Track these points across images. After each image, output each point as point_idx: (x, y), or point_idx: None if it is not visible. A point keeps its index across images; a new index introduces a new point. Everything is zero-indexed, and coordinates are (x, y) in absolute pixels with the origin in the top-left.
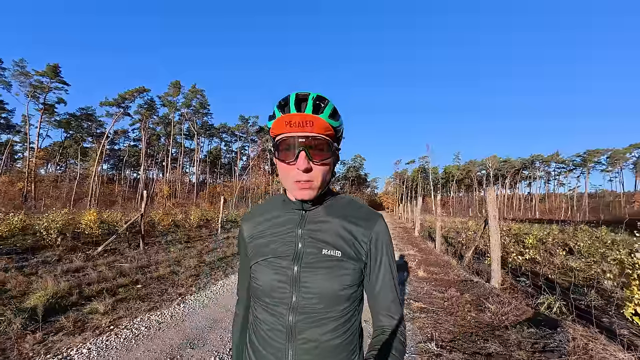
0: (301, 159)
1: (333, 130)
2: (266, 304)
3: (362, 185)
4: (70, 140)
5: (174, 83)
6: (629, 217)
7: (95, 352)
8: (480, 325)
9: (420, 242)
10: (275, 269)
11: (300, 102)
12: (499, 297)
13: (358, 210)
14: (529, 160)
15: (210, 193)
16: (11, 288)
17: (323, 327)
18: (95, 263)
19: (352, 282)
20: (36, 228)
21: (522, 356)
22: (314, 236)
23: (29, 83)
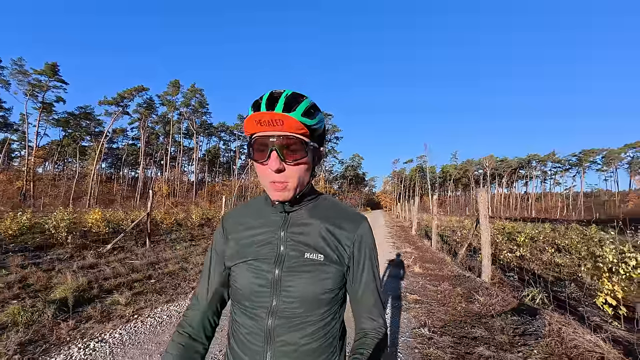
0: (272, 159)
1: (307, 129)
2: (245, 307)
3: (360, 184)
4: (68, 139)
5: (173, 82)
6: (623, 216)
7: (126, 336)
8: (469, 314)
9: (417, 240)
10: (256, 272)
11: (273, 101)
12: (488, 290)
13: (342, 212)
14: (525, 159)
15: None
16: (33, 283)
17: (302, 331)
18: (107, 260)
19: (334, 286)
20: (45, 227)
21: (504, 339)
22: (296, 239)
23: (27, 82)
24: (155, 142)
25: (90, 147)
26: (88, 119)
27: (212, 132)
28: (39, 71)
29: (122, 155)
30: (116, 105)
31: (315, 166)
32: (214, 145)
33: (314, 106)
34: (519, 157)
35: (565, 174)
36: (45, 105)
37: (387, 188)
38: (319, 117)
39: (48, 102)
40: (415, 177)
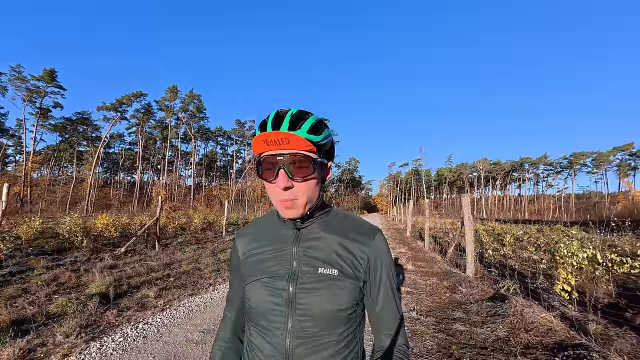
0: (280, 177)
1: (314, 146)
2: (261, 328)
3: (357, 187)
4: (64, 144)
5: (171, 88)
6: (612, 217)
7: (166, 320)
8: (452, 302)
9: (411, 241)
10: (270, 290)
11: (279, 120)
12: (470, 283)
13: (355, 225)
14: (518, 162)
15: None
16: (65, 281)
17: (322, 352)
18: (125, 261)
19: (351, 302)
20: (58, 232)
21: (477, 319)
22: (309, 254)
23: (25, 88)
24: (153, 147)
25: (87, 152)
26: (85, 124)
27: (210, 136)
28: (37, 77)
29: (118, 160)
30: (114, 111)
31: (324, 181)
32: (210, 150)
33: (320, 122)
34: (512, 160)
35: (557, 176)
36: (42, 110)
37: (383, 191)
38: (325, 133)
39: (45, 107)
40: (411, 180)
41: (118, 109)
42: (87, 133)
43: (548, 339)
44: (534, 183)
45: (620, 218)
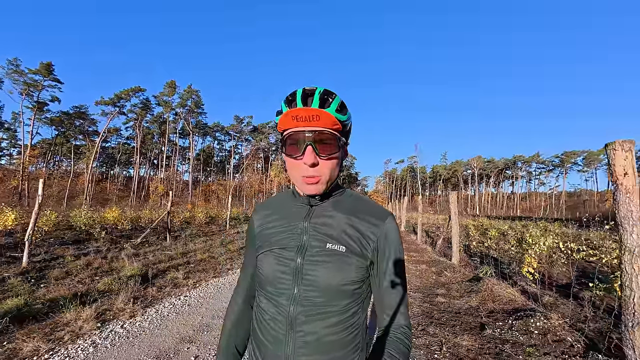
0: (308, 153)
1: (340, 125)
2: (269, 294)
3: (353, 183)
4: (61, 138)
5: (170, 83)
6: (589, 216)
7: (202, 294)
8: (437, 283)
9: (405, 235)
10: (279, 260)
11: (307, 97)
12: (454, 269)
13: (367, 207)
14: (511, 160)
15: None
16: (99, 266)
17: (324, 321)
18: (144, 251)
19: (356, 278)
20: (73, 224)
21: (456, 294)
22: (319, 230)
23: (22, 81)
24: (150, 141)
25: (84, 147)
26: (82, 118)
27: (207, 131)
28: (34, 70)
29: (113, 154)
30: (113, 106)
31: (343, 162)
32: (208, 145)
33: (343, 103)
34: (505, 158)
35: (549, 174)
36: (39, 104)
37: (379, 188)
38: (348, 114)
39: (43, 101)
40: (407, 177)
41: (116, 104)
42: (84, 127)
43: (508, 306)
44: (527, 181)
45: (608, 215)
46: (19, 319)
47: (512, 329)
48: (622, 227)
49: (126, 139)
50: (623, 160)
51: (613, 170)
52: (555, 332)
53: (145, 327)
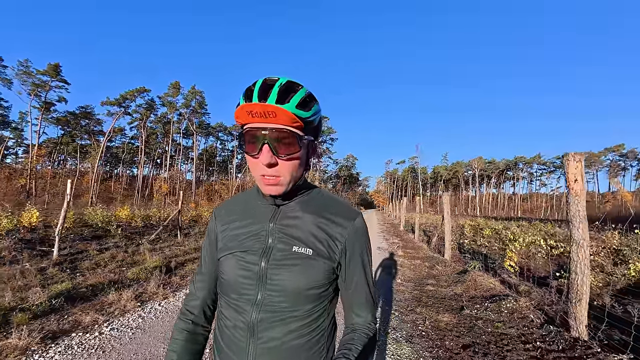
0: (264, 152)
1: (302, 122)
2: (230, 299)
3: (354, 184)
4: (67, 137)
5: (174, 84)
6: (602, 216)
7: None
8: (429, 275)
9: (403, 234)
10: (242, 264)
11: (267, 90)
12: (445, 263)
13: (336, 206)
14: (512, 161)
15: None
16: (123, 259)
17: (286, 327)
18: (160, 246)
19: (322, 281)
20: (89, 221)
21: (444, 284)
22: (285, 232)
23: (31, 82)
24: (154, 141)
25: (89, 146)
26: (88, 118)
27: (210, 131)
28: (42, 71)
29: (118, 154)
30: (118, 106)
31: (309, 159)
32: (210, 145)
33: (310, 96)
34: (506, 159)
35: (550, 175)
36: (47, 104)
37: (380, 188)
38: (314, 109)
39: (50, 101)
40: (408, 178)
41: (122, 104)
42: (89, 127)
43: (488, 293)
44: (528, 182)
45: (608, 217)
46: (71, 299)
47: (486, 309)
48: (572, 223)
49: (130, 139)
50: (574, 169)
51: (567, 177)
52: (521, 312)
53: (178, 307)
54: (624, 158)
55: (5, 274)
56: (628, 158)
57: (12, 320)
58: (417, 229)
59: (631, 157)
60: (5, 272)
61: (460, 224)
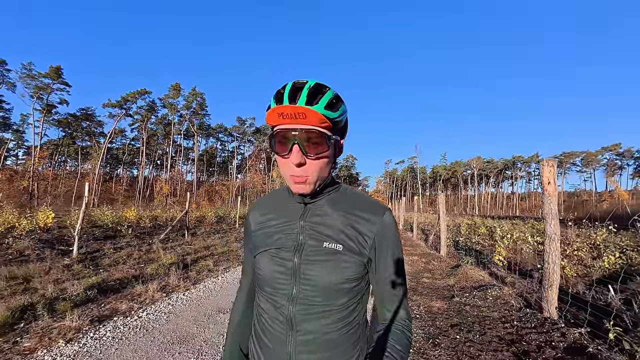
0: (294, 153)
1: (330, 122)
2: (267, 294)
3: (354, 184)
4: (67, 139)
5: (174, 85)
6: (598, 215)
7: (234, 275)
8: (425, 269)
9: (402, 233)
10: (276, 260)
11: (296, 92)
12: (441, 259)
13: (363, 203)
14: (510, 161)
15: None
16: (139, 257)
17: (323, 320)
18: (171, 245)
19: (354, 276)
20: (102, 222)
21: (438, 277)
22: (315, 229)
23: (34, 85)
24: (155, 142)
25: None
26: (88, 119)
27: (211, 132)
28: (44, 74)
29: (119, 155)
30: (120, 108)
31: (336, 158)
32: (211, 146)
33: (337, 97)
34: (504, 159)
35: None
36: (48, 106)
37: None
38: (342, 109)
39: (52, 103)
40: (407, 177)
41: (123, 106)
42: (90, 128)
43: (477, 284)
44: (526, 181)
45: (604, 215)
46: (102, 291)
47: (474, 297)
48: (546, 220)
49: (131, 140)
50: (548, 173)
51: (542, 180)
52: (504, 298)
53: (201, 296)
54: (621, 157)
55: (37, 270)
56: (625, 157)
57: (57, 308)
58: (416, 228)
59: (628, 156)
60: (37, 268)
61: (457, 223)
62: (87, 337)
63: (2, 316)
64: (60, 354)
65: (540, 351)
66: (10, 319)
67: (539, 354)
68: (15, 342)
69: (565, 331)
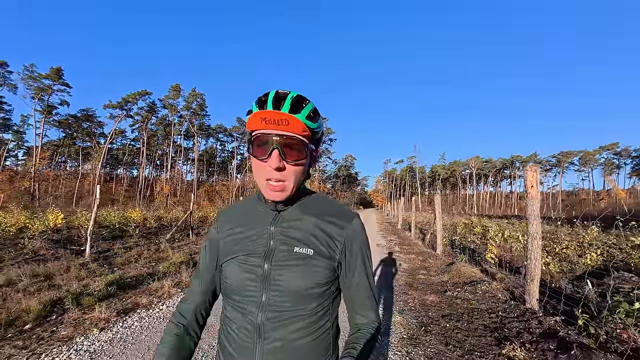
0: (274, 156)
1: (310, 132)
2: (235, 302)
3: (353, 183)
4: (68, 140)
5: (174, 86)
6: (596, 214)
7: None
8: (421, 267)
9: (400, 232)
10: (245, 267)
11: (279, 100)
12: (437, 257)
13: (333, 208)
14: (509, 160)
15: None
16: (149, 256)
17: (292, 326)
18: (178, 245)
19: (324, 280)
20: (109, 222)
21: (433, 273)
22: (286, 234)
23: (35, 86)
24: (155, 143)
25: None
26: (89, 120)
27: (211, 133)
28: (45, 75)
29: (118, 156)
30: (120, 109)
31: (310, 168)
32: (210, 146)
33: (315, 110)
34: (502, 158)
35: (546, 174)
36: (49, 107)
37: (378, 187)
38: (319, 122)
39: (52, 104)
40: (406, 177)
41: (124, 107)
42: (90, 129)
43: (469, 280)
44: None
45: (601, 214)
46: (120, 287)
47: (465, 291)
48: (529, 221)
49: (132, 141)
50: (531, 177)
51: (526, 184)
52: (492, 292)
53: None
54: (618, 156)
55: (56, 268)
56: (622, 156)
57: (82, 302)
58: (414, 227)
59: (625, 155)
60: (55, 267)
61: (454, 222)
62: (117, 326)
63: (36, 309)
64: (96, 340)
65: (519, 336)
66: (43, 311)
67: (517, 338)
68: (52, 331)
69: (542, 319)
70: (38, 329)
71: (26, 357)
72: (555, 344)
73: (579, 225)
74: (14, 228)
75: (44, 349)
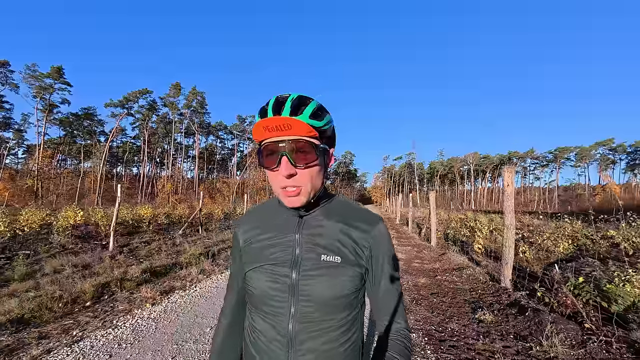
0: (283, 164)
1: (316, 131)
2: (264, 313)
3: (352, 180)
4: (68, 138)
5: (175, 85)
6: (592, 209)
7: None
8: (416, 257)
9: (399, 227)
10: (272, 277)
11: (280, 105)
12: (431, 249)
13: (357, 213)
14: (506, 156)
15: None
16: (167, 249)
17: (324, 337)
18: (190, 239)
19: (353, 288)
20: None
21: (427, 262)
22: (312, 241)
23: (37, 85)
24: (156, 141)
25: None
26: (89, 119)
27: (211, 130)
28: (46, 74)
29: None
30: (121, 107)
31: (327, 168)
32: (210, 143)
33: (321, 108)
34: (500, 154)
35: (543, 169)
36: (50, 106)
37: (377, 184)
38: (327, 119)
39: (53, 103)
40: (404, 173)
41: (125, 106)
42: (91, 128)
43: (457, 266)
44: (522, 176)
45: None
46: (153, 274)
47: (453, 275)
48: (505, 214)
49: (132, 138)
50: (508, 177)
51: (504, 183)
52: (475, 276)
53: None
54: (614, 152)
55: (90, 259)
56: (617, 152)
57: (125, 286)
58: (411, 222)
59: (620, 151)
60: (89, 258)
61: (449, 217)
62: (165, 302)
63: (90, 291)
64: (153, 311)
65: (490, 306)
66: (96, 293)
67: (488, 308)
68: (112, 306)
69: (511, 294)
70: (97, 305)
71: (101, 322)
72: (517, 309)
73: (568, 219)
74: (36, 225)
75: (112, 317)
